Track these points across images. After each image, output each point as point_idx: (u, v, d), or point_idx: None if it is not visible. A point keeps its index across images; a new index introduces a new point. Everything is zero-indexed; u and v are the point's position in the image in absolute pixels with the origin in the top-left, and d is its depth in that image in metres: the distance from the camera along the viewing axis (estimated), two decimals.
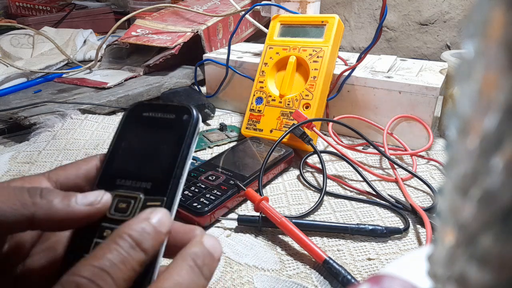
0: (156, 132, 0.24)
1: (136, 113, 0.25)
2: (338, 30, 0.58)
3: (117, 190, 0.23)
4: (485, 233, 0.11)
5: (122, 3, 1.39)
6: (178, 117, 0.24)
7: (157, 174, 0.23)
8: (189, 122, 0.24)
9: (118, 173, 0.23)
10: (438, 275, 0.13)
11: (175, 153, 0.23)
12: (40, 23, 1.07)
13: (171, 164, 0.23)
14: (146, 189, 0.23)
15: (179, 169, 0.23)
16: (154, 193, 0.22)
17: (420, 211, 0.40)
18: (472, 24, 0.11)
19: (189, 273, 0.20)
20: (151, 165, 0.23)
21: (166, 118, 0.24)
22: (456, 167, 0.12)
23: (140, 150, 0.24)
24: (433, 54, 0.93)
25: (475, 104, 0.11)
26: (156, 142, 0.24)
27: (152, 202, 0.22)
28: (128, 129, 0.25)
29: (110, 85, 0.73)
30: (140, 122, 0.25)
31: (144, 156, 0.24)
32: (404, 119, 0.56)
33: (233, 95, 0.71)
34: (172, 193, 0.22)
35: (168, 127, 0.24)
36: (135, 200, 0.22)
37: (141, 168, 0.23)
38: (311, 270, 0.35)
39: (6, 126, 0.61)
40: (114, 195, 0.23)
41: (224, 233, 0.40)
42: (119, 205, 0.22)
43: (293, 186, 0.48)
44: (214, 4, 0.94)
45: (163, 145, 0.24)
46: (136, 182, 0.23)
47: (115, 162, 0.24)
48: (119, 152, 0.24)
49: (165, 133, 0.24)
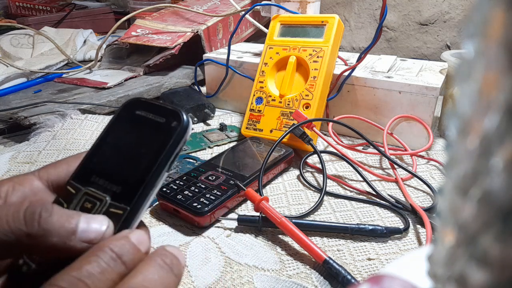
0: (141, 134, 0.22)
1: (130, 109, 0.23)
2: (338, 30, 0.58)
3: (88, 188, 0.21)
4: (485, 233, 0.11)
5: (122, 3, 1.39)
6: (167, 122, 0.22)
7: (129, 179, 0.21)
8: (175, 130, 0.22)
9: (95, 170, 0.22)
10: (438, 275, 0.13)
11: (152, 161, 0.21)
12: (40, 23, 1.07)
13: (144, 172, 0.21)
14: (115, 192, 0.21)
15: (153, 178, 0.21)
16: (120, 199, 0.21)
17: (420, 211, 0.40)
18: (472, 24, 0.11)
19: (158, 269, 0.19)
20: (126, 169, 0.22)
21: (156, 120, 0.22)
22: (456, 167, 0.12)
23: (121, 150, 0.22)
24: (433, 54, 0.93)
25: (475, 104, 0.11)
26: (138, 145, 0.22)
27: (115, 209, 0.21)
28: (117, 124, 0.23)
29: (110, 85, 0.73)
30: (130, 120, 0.23)
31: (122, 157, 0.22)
32: (404, 119, 0.56)
33: (233, 95, 0.71)
34: (138, 204, 0.21)
35: (154, 131, 0.22)
36: (101, 202, 0.21)
37: (115, 169, 0.22)
38: (311, 270, 0.35)
39: (6, 126, 0.61)
40: (84, 192, 0.21)
41: (224, 233, 0.40)
42: (84, 204, 0.21)
43: (293, 186, 0.48)
44: (214, 4, 0.94)
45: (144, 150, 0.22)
46: (108, 183, 0.21)
47: (95, 157, 0.23)
48: (102, 147, 0.23)
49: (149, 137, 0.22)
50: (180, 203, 0.41)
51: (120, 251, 0.19)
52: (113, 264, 0.18)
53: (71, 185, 0.22)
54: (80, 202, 0.21)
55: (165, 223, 0.41)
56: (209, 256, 0.37)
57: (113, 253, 0.19)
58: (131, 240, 0.20)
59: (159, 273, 0.19)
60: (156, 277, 0.19)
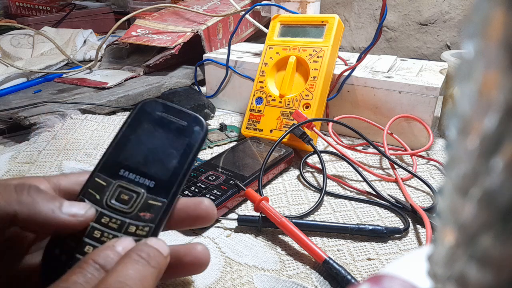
0: (167, 135, 0.25)
1: (149, 109, 0.25)
2: (338, 30, 0.58)
3: (120, 181, 0.23)
4: (485, 233, 0.11)
5: (122, 3, 1.39)
6: (190, 126, 0.25)
7: (163, 175, 0.23)
8: (199, 134, 0.25)
9: (123, 164, 0.24)
10: (438, 275, 0.13)
11: (183, 160, 0.24)
12: (40, 23, 1.07)
13: (178, 170, 0.24)
14: (148, 187, 0.23)
15: (183, 176, 0.24)
16: (156, 193, 0.23)
17: (420, 211, 0.40)
18: (472, 24, 0.11)
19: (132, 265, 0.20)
20: (157, 165, 0.24)
21: (179, 123, 0.25)
22: (456, 167, 0.12)
23: (148, 147, 0.24)
24: (433, 54, 0.93)
25: (475, 104, 0.11)
26: (166, 144, 0.24)
27: (154, 201, 0.23)
28: (138, 123, 0.25)
29: (110, 85, 0.73)
30: (151, 120, 0.25)
31: (151, 154, 0.24)
32: (404, 119, 0.56)
33: (233, 95, 0.71)
34: (174, 197, 0.23)
35: (179, 133, 0.25)
36: (138, 195, 0.23)
37: (147, 166, 0.24)
38: (311, 270, 0.35)
39: (6, 126, 0.61)
40: (117, 184, 0.23)
41: (224, 233, 0.40)
42: (121, 196, 0.23)
43: (293, 186, 0.48)
44: (214, 4, 0.94)
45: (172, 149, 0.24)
46: (140, 178, 0.23)
47: (121, 152, 0.24)
48: (126, 143, 0.24)
49: (175, 138, 0.24)
50: None
51: (103, 261, 0.20)
52: (97, 273, 0.20)
53: (99, 178, 0.23)
54: (115, 193, 0.23)
55: None
56: None
57: (96, 264, 0.20)
58: (116, 249, 0.21)
59: (134, 267, 0.20)
60: (131, 272, 0.20)
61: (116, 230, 0.22)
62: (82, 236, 0.22)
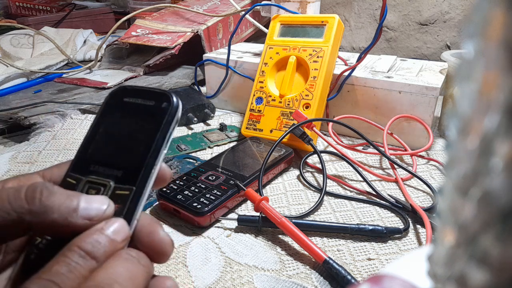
0: (133, 119, 0.23)
1: (117, 98, 0.24)
2: (338, 30, 0.58)
3: (89, 176, 0.22)
4: (485, 233, 0.11)
5: (122, 3, 1.39)
6: (157, 104, 0.23)
7: (129, 162, 0.22)
8: (167, 110, 0.23)
9: (92, 159, 0.23)
10: (438, 275, 0.13)
11: (149, 142, 0.23)
12: (40, 23, 1.07)
13: (143, 153, 0.22)
14: (117, 177, 0.22)
15: (152, 158, 0.22)
16: (124, 182, 0.22)
17: (420, 211, 0.40)
18: (472, 24, 0.11)
19: (123, 263, 0.19)
20: (124, 153, 0.23)
21: (146, 104, 0.23)
22: (456, 167, 0.12)
23: (116, 136, 0.23)
24: (433, 54, 0.93)
25: (475, 104, 0.11)
26: (132, 129, 0.23)
27: (121, 190, 0.22)
28: (107, 114, 0.24)
29: (110, 85, 0.73)
30: (119, 108, 0.24)
31: (118, 143, 0.23)
32: (404, 119, 0.56)
33: (233, 95, 0.71)
34: (142, 183, 0.22)
35: (146, 114, 0.23)
36: (105, 187, 0.22)
37: (114, 156, 0.23)
38: (311, 270, 0.35)
39: (6, 126, 0.61)
40: (86, 180, 0.22)
41: (224, 233, 0.40)
42: (89, 192, 0.22)
43: (293, 186, 0.48)
44: (214, 4, 0.94)
45: (139, 133, 0.23)
46: (108, 169, 0.22)
47: (91, 147, 0.23)
48: (95, 137, 0.24)
49: (142, 120, 0.23)
50: (180, 203, 0.41)
51: (90, 247, 0.19)
52: (82, 261, 0.19)
53: (70, 177, 0.23)
54: (84, 190, 0.22)
55: (165, 223, 0.41)
56: (209, 256, 0.37)
57: (81, 251, 0.19)
58: (105, 232, 0.20)
59: (124, 265, 0.19)
60: (122, 270, 0.19)
61: None
62: None
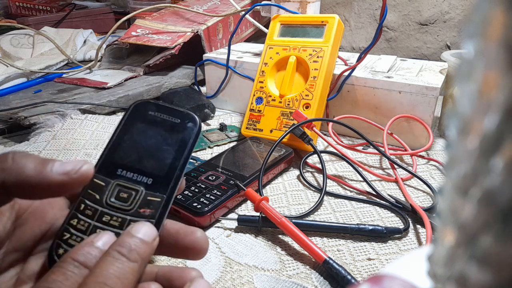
0: (160, 132, 0.25)
1: (141, 110, 0.26)
2: (338, 30, 0.58)
3: (118, 180, 0.24)
4: (485, 233, 0.11)
5: (122, 3, 1.39)
6: (183, 122, 0.26)
7: (159, 172, 0.24)
8: (193, 130, 0.25)
9: (120, 164, 0.24)
10: (438, 275, 0.13)
11: (178, 156, 0.24)
12: (40, 23, 1.07)
13: (174, 165, 0.24)
14: (146, 184, 0.24)
15: (180, 171, 0.24)
16: (155, 189, 0.24)
17: (420, 211, 0.40)
18: (472, 24, 0.11)
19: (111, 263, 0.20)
20: (153, 162, 0.24)
21: (172, 121, 0.26)
22: (456, 167, 0.12)
23: (143, 146, 0.25)
24: (433, 54, 0.93)
25: (475, 104, 0.11)
26: (160, 142, 0.25)
27: (153, 197, 0.23)
28: (132, 123, 0.26)
29: (110, 85, 0.73)
30: (145, 120, 0.26)
31: (147, 152, 0.25)
32: (404, 119, 0.56)
33: (233, 95, 0.71)
34: (171, 191, 0.24)
35: (173, 130, 0.25)
36: (136, 192, 0.23)
37: (143, 163, 0.24)
38: (311, 270, 0.35)
39: (6, 126, 0.61)
40: (116, 183, 0.23)
41: (224, 233, 0.40)
42: (120, 194, 0.23)
43: (293, 186, 0.48)
44: (214, 4, 0.94)
45: (167, 146, 0.25)
46: (137, 175, 0.24)
47: (117, 152, 0.25)
48: (121, 143, 0.25)
49: (169, 135, 0.25)
50: (180, 203, 0.41)
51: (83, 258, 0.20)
52: (76, 270, 0.20)
53: (97, 178, 0.24)
54: (114, 192, 0.23)
55: None
56: (209, 256, 0.37)
57: (75, 262, 0.20)
58: (95, 245, 0.21)
59: (112, 266, 0.20)
60: (111, 271, 0.20)
61: (117, 228, 0.23)
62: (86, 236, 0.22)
